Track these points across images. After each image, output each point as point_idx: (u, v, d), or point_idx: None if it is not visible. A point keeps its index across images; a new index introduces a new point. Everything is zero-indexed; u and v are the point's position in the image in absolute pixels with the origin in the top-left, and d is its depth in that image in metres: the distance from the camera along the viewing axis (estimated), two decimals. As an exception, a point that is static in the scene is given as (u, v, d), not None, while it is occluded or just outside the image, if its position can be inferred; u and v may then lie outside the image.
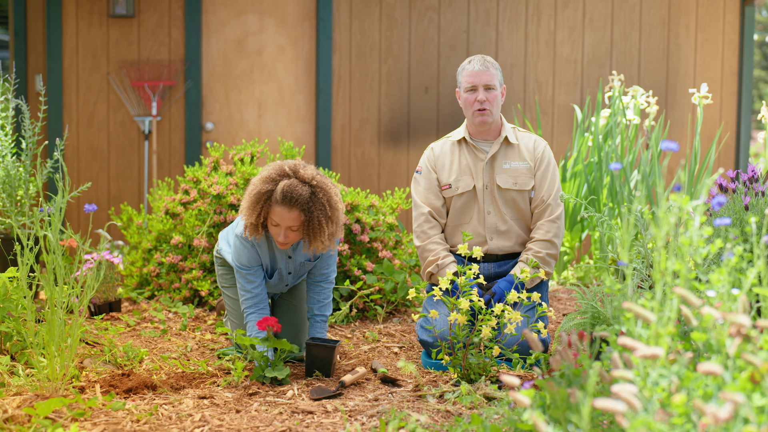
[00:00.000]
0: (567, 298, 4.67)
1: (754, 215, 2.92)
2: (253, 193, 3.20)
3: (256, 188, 3.20)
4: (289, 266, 3.44)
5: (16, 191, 4.24)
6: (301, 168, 3.23)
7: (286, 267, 3.44)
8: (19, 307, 3.19)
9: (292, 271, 3.46)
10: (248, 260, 3.34)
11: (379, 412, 2.81)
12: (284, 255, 3.40)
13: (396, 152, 6.26)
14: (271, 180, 3.19)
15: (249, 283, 3.36)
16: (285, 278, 3.49)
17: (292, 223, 3.17)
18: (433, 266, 3.57)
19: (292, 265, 3.44)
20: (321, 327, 3.45)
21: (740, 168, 6.32)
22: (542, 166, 3.61)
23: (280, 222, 3.17)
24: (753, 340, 1.72)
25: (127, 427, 2.57)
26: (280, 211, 3.15)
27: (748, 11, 6.33)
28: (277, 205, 3.15)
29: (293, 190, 3.14)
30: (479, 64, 3.55)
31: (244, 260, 3.34)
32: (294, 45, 6.19)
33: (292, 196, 3.13)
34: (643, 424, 1.56)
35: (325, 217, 3.18)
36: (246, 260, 3.34)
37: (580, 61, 6.32)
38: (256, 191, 3.19)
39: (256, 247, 3.33)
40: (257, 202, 3.18)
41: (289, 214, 3.15)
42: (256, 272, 3.36)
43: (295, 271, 3.48)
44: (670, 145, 1.85)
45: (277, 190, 3.15)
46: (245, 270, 3.35)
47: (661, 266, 1.84)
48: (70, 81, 6.02)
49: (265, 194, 3.18)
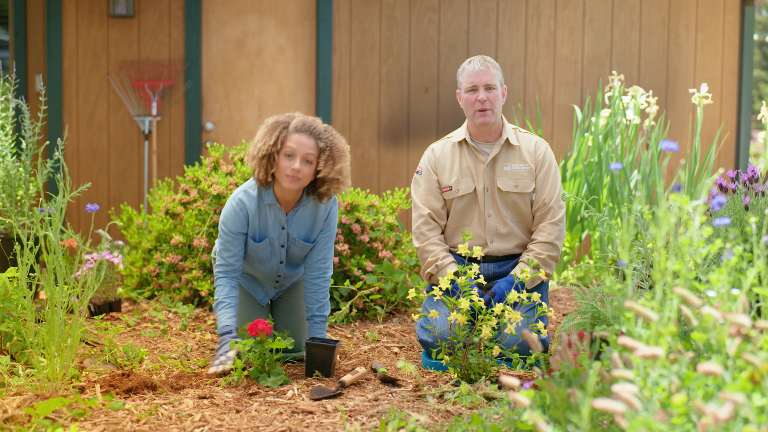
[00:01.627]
0: (567, 298, 4.67)
1: (754, 215, 2.92)
2: (270, 123, 3.27)
3: (271, 120, 3.27)
4: (282, 238, 3.40)
5: (17, 191, 4.24)
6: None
7: (278, 238, 3.40)
8: (19, 307, 3.19)
9: (284, 244, 3.42)
10: (234, 225, 3.33)
11: (379, 412, 2.81)
12: (278, 225, 3.38)
13: (396, 152, 6.26)
14: (284, 116, 3.29)
15: (227, 251, 3.35)
16: (278, 252, 3.43)
17: (309, 151, 3.22)
18: (432, 267, 3.57)
19: (285, 237, 3.40)
20: (321, 327, 3.45)
21: (740, 168, 6.32)
22: (543, 168, 3.60)
23: (297, 149, 3.20)
24: (753, 340, 1.72)
25: (127, 427, 2.57)
26: (298, 137, 3.21)
27: (748, 11, 6.33)
28: (295, 132, 3.22)
29: (311, 121, 3.26)
30: (479, 64, 3.53)
31: (230, 224, 3.34)
32: (294, 45, 6.19)
33: (311, 125, 3.24)
34: (643, 424, 1.56)
35: (343, 146, 3.28)
36: (232, 225, 3.33)
37: (580, 61, 6.32)
38: (272, 121, 3.27)
39: (247, 212, 3.33)
40: (274, 128, 3.24)
41: (308, 140, 3.21)
42: (236, 242, 3.35)
43: (289, 247, 3.45)
44: (671, 145, 1.85)
45: (295, 119, 3.25)
46: (227, 236, 3.35)
47: (661, 266, 1.84)
48: (70, 81, 6.02)
49: (282, 123, 3.25)
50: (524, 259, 3.54)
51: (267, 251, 3.42)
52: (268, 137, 3.23)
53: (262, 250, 3.41)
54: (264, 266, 3.50)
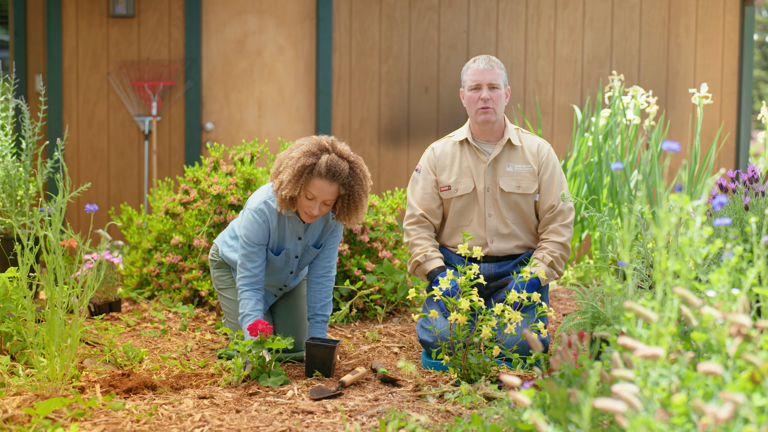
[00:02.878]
0: (567, 298, 4.67)
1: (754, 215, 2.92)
2: (297, 166, 3.22)
3: (299, 162, 3.23)
4: (298, 248, 3.43)
5: (16, 191, 4.24)
6: (337, 143, 3.31)
7: (294, 249, 3.43)
8: (19, 307, 3.19)
9: (299, 255, 3.45)
10: (257, 237, 3.34)
11: (379, 412, 2.81)
12: (294, 236, 3.41)
13: (396, 152, 6.26)
14: (312, 154, 3.25)
15: (251, 262, 3.36)
16: (291, 263, 3.47)
17: (330, 197, 3.24)
18: (420, 256, 3.58)
19: (301, 247, 3.43)
20: (321, 327, 3.45)
21: (740, 168, 6.32)
22: (548, 170, 3.60)
23: (318, 195, 3.22)
24: (753, 340, 1.72)
25: (127, 427, 2.57)
26: (321, 184, 3.21)
27: (748, 11, 6.33)
28: (320, 178, 3.21)
29: (336, 164, 3.22)
30: (484, 63, 3.54)
31: (253, 237, 3.34)
32: (294, 45, 6.19)
33: (336, 170, 3.21)
34: (644, 424, 1.56)
35: (362, 192, 3.29)
36: (255, 237, 3.34)
37: (580, 61, 6.32)
38: (300, 164, 3.22)
39: (269, 223, 3.35)
40: (300, 174, 3.22)
41: (329, 188, 3.22)
42: (260, 252, 3.37)
43: (301, 256, 3.47)
44: (672, 146, 1.85)
45: (321, 164, 3.21)
46: (251, 248, 3.35)
47: (661, 266, 1.84)
48: (70, 81, 6.02)
49: (309, 167, 3.22)
50: (538, 256, 3.54)
51: (282, 261, 3.46)
52: (294, 182, 3.22)
53: (277, 261, 3.44)
54: (274, 276, 3.53)
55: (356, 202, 3.28)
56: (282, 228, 3.39)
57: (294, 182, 3.21)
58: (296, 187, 3.21)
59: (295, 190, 3.21)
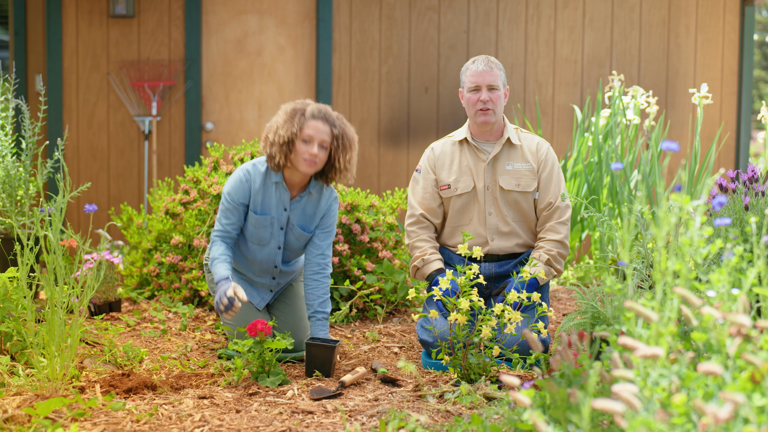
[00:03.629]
0: (567, 298, 4.67)
1: (754, 215, 2.92)
2: (289, 110, 3.42)
3: (290, 107, 3.43)
4: (282, 219, 3.49)
5: (16, 191, 4.23)
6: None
7: (279, 218, 3.49)
8: (19, 307, 3.19)
9: (284, 227, 3.50)
10: (237, 194, 3.46)
11: (379, 412, 2.81)
12: (281, 205, 3.48)
13: (396, 152, 6.26)
14: (299, 103, 3.45)
15: (226, 218, 3.48)
16: (277, 235, 3.51)
17: (325, 138, 3.37)
18: (419, 260, 3.59)
19: (286, 219, 3.49)
20: (323, 325, 3.45)
21: (740, 168, 6.32)
22: (547, 168, 3.61)
23: (315, 135, 3.36)
24: (753, 340, 1.72)
25: (127, 427, 2.57)
26: (315, 124, 3.37)
27: (748, 11, 6.33)
28: (313, 119, 3.38)
29: (324, 108, 3.43)
30: (483, 64, 3.55)
31: (233, 193, 3.46)
32: (294, 45, 6.19)
33: (326, 112, 3.42)
34: (643, 424, 1.56)
35: (350, 138, 3.44)
36: (235, 193, 3.46)
37: (580, 61, 6.32)
38: (291, 109, 3.42)
39: (251, 183, 3.45)
40: (293, 116, 3.40)
41: (324, 127, 3.37)
42: (236, 212, 3.47)
43: (287, 235, 3.51)
44: (671, 146, 1.85)
45: (311, 107, 3.41)
46: (228, 204, 3.47)
47: (661, 266, 1.84)
48: (70, 81, 6.02)
49: (301, 110, 3.41)
50: (535, 255, 3.55)
51: (267, 230, 3.49)
52: (290, 124, 3.39)
53: (262, 227, 3.48)
54: (262, 252, 3.54)
55: (347, 143, 3.42)
56: (268, 193, 3.47)
57: (289, 124, 3.38)
58: (291, 127, 3.36)
59: (291, 130, 3.36)
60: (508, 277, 3.60)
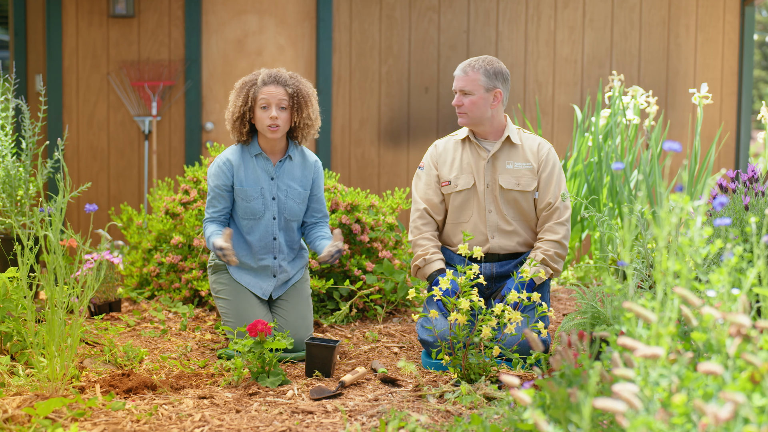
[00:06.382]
0: (567, 298, 4.67)
1: (754, 215, 2.92)
2: (237, 86, 3.53)
3: (239, 83, 3.53)
4: (272, 189, 3.57)
5: (16, 191, 4.24)
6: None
7: (269, 189, 3.57)
8: (19, 307, 3.19)
9: (276, 197, 3.58)
10: (217, 178, 3.55)
11: (379, 412, 2.81)
12: (266, 175, 3.57)
13: (396, 152, 6.26)
14: (250, 75, 3.55)
15: (212, 207, 3.58)
16: (269, 205, 3.57)
17: (281, 98, 3.47)
18: (420, 260, 3.61)
19: (275, 188, 3.57)
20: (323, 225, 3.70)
21: (740, 168, 6.32)
22: (548, 168, 3.63)
23: (270, 99, 3.46)
24: (753, 340, 1.72)
25: (127, 427, 2.57)
26: (268, 89, 3.47)
27: (748, 11, 6.33)
28: (265, 85, 3.48)
29: (275, 71, 3.52)
30: (460, 69, 3.65)
31: (214, 177, 3.56)
32: (294, 45, 6.19)
33: (277, 75, 3.50)
34: (644, 424, 1.56)
35: (305, 95, 3.51)
36: (216, 177, 3.55)
37: (580, 61, 6.32)
38: (241, 83, 3.52)
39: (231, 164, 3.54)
40: (242, 89, 3.50)
41: (276, 90, 3.47)
42: (221, 199, 3.56)
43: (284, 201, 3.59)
44: (673, 146, 1.85)
45: (261, 75, 3.50)
46: (212, 191, 3.57)
47: (662, 266, 1.84)
48: (70, 81, 6.02)
49: (251, 81, 3.51)
50: (532, 255, 3.56)
51: (259, 202, 3.56)
52: (238, 99, 3.50)
53: (253, 200, 3.55)
54: (259, 225, 3.58)
55: (303, 100, 3.49)
56: (250, 166, 3.56)
57: (243, 98, 3.47)
58: (241, 99, 3.46)
59: (246, 105, 3.46)
60: (509, 277, 3.61)
